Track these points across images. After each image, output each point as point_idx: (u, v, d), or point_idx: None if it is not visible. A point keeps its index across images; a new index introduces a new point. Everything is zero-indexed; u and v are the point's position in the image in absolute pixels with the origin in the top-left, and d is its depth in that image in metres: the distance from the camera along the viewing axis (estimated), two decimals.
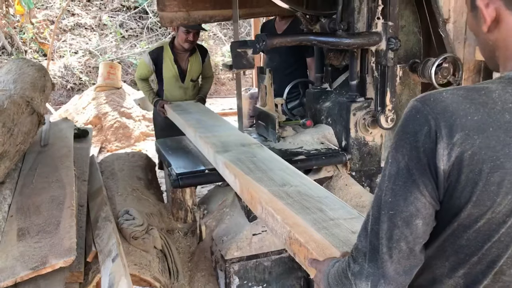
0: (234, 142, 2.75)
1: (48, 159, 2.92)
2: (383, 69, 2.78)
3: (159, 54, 4.02)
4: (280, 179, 2.09)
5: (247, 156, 2.45)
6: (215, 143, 2.71)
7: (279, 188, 1.98)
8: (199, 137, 2.93)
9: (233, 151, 2.56)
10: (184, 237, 3.09)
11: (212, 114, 3.67)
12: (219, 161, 2.48)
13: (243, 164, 2.32)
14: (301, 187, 1.99)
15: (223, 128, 3.17)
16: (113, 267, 1.97)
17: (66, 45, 10.56)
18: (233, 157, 2.43)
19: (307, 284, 2.86)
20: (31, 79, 3.27)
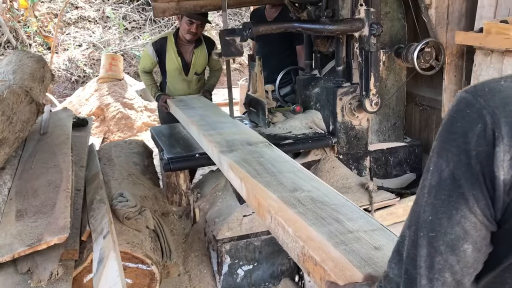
0: (240, 140, 2.58)
1: (47, 146, 3.05)
2: (366, 54, 2.87)
3: (163, 45, 3.88)
4: (291, 183, 1.90)
5: (254, 157, 2.27)
6: (219, 142, 2.55)
7: (289, 194, 1.79)
8: (203, 135, 2.77)
9: (238, 150, 2.39)
10: (178, 220, 3.22)
11: (216, 109, 3.48)
12: (223, 162, 2.31)
13: (249, 165, 2.14)
14: (314, 193, 1.80)
15: (228, 125, 2.99)
16: (103, 243, 2.10)
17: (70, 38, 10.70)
18: (238, 158, 2.26)
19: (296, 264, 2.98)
20: (30, 70, 3.39)
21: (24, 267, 2.08)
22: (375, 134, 3.36)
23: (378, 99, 2.92)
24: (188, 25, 3.73)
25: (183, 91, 4.02)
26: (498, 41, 2.57)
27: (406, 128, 3.52)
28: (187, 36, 3.80)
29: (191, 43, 3.89)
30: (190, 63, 3.94)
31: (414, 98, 3.63)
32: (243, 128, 2.91)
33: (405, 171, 3.42)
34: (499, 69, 2.71)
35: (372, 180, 3.22)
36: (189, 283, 2.91)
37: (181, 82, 3.99)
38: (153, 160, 3.92)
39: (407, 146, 3.41)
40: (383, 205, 2.92)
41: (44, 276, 2.01)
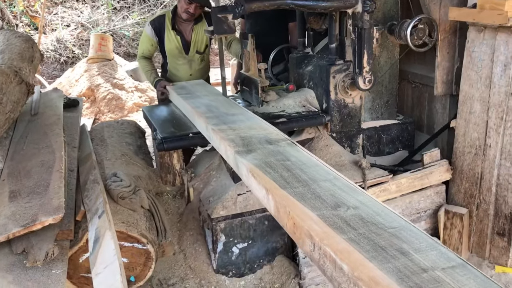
0: (257, 137, 2.21)
1: (38, 127, 3.02)
2: (359, 31, 2.84)
3: (161, 23, 3.68)
4: (330, 197, 1.56)
5: (277, 159, 1.92)
6: (234, 140, 2.18)
7: (332, 212, 1.45)
8: (212, 130, 2.39)
9: (258, 151, 2.03)
10: (173, 200, 3.22)
11: (224, 98, 3.12)
12: (242, 166, 1.95)
13: (274, 171, 1.80)
14: (362, 210, 1.46)
15: (240, 117, 2.59)
16: (99, 222, 2.10)
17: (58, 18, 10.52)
18: (260, 161, 1.90)
19: (291, 240, 3.01)
20: (19, 50, 3.34)
21: (19, 248, 2.08)
22: (368, 112, 3.36)
23: (371, 76, 2.91)
24: (187, 4, 3.57)
25: (185, 71, 3.84)
26: (492, 17, 2.57)
27: (398, 105, 3.53)
28: (183, 15, 3.64)
29: (190, 20, 3.71)
30: (190, 41, 3.75)
31: (406, 75, 3.63)
32: (257, 121, 2.51)
33: (398, 148, 3.44)
34: (492, 46, 2.72)
35: (365, 157, 3.23)
36: (184, 261, 2.93)
37: (182, 62, 3.81)
38: (145, 140, 3.90)
39: (399, 123, 3.42)
40: (376, 182, 2.94)
41: (40, 256, 2.01)
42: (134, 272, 2.46)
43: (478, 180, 2.95)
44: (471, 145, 2.95)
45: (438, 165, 3.07)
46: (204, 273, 2.89)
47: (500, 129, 2.76)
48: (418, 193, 3.06)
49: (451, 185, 3.15)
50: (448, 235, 3.07)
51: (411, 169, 3.05)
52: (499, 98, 2.72)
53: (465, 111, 2.96)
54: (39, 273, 2.03)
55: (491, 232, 2.95)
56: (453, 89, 3.19)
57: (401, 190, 2.98)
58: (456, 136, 3.06)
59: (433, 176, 3.04)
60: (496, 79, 2.72)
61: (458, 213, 3.01)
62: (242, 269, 2.94)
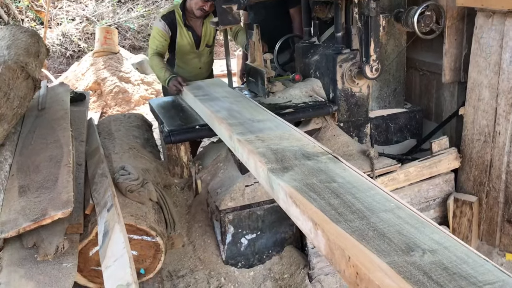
0: (292, 150, 1.88)
1: (46, 122, 3.03)
2: (366, 19, 2.82)
3: (173, 19, 3.58)
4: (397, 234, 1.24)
5: (321, 180, 1.59)
6: (264, 154, 1.86)
7: (405, 259, 1.14)
8: (238, 141, 2.09)
9: (295, 168, 1.70)
10: (181, 192, 3.23)
11: (245, 100, 2.84)
12: (278, 188, 1.62)
13: (320, 197, 1.48)
14: (442, 255, 1.15)
15: (268, 124, 2.29)
16: (108, 216, 2.11)
17: (63, 12, 10.52)
18: (300, 182, 1.59)
19: (300, 230, 3.01)
20: (25, 45, 3.34)
21: (29, 242, 2.09)
22: (376, 100, 3.34)
23: (378, 65, 2.89)
24: (202, 2, 3.47)
25: (195, 65, 3.82)
26: (501, 2, 2.53)
27: (406, 94, 3.50)
28: (197, 12, 3.54)
29: (203, 17, 3.65)
30: (201, 35, 3.71)
31: (414, 63, 3.59)
32: (288, 128, 2.21)
33: (406, 137, 3.42)
34: (500, 31, 2.68)
35: (373, 147, 3.22)
36: (193, 253, 2.94)
37: (192, 56, 3.77)
38: (152, 133, 3.91)
39: (407, 112, 3.39)
40: (384, 171, 2.92)
41: (50, 250, 2.03)
42: (144, 264, 2.47)
43: (487, 167, 2.93)
44: (480, 132, 2.92)
45: (447, 153, 3.04)
46: (213, 264, 2.90)
47: (509, 116, 2.73)
48: (426, 182, 3.04)
49: (460, 173, 3.13)
50: (458, 223, 3.05)
51: (420, 158, 3.03)
52: (509, 84, 2.69)
53: (474, 98, 2.92)
54: (50, 267, 2.05)
55: (501, 220, 2.93)
56: (461, 76, 3.16)
57: (409, 179, 2.97)
58: (465, 124, 3.03)
59: (441, 164, 3.02)
60: (506, 65, 2.68)
61: (467, 201, 2.99)
62: (251, 260, 2.95)
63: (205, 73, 3.95)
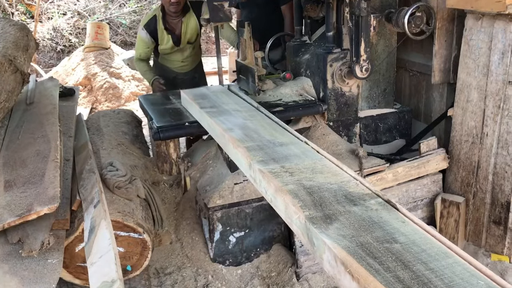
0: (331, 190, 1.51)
1: (34, 116, 3.00)
2: (357, 19, 2.82)
3: (154, 25, 3.74)
4: None
5: (378, 240, 1.23)
6: (297, 194, 1.48)
7: None
8: (261, 172, 1.68)
9: (340, 218, 1.34)
10: (169, 189, 3.22)
11: (260, 115, 2.42)
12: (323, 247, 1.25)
13: (384, 267, 1.12)
14: None
15: (294, 150, 1.89)
16: (94, 212, 2.09)
17: (54, 6, 10.43)
18: (352, 242, 1.22)
19: (288, 229, 3.01)
20: (14, 38, 3.30)
21: (14, 237, 2.07)
22: (365, 100, 3.35)
23: (368, 65, 2.89)
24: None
25: (176, 59, 3.96)
26: (490, 4, 2.54)
27: (396, 94, 3.51)
28: (171, 9, 3.65)
29: (179, 14, 3.74)
30: (181, 34, 3.80)
31: (404, 63, 3.61)
32: (317, 156, 1.81)
33: (395, 137, 3.43)
34: (489, 34, 2.70)
35: (362, 146, 3.23)
36: (181, 250, 2.94)
37: (173, 52, 3.91)
38: (142, 129, 3.89)
39: (397, 112, 3.41)
40: (373, 171, 2.93)
41: (35, 245, 2.01)
42: (130, 261, 2.46)
43: (475, 168, 2.95)
44: (468, 133, 2.95)
45: (435, 154, 3.06)
46: (201, 262, 2.90)
47: (497, 118, 2.75)
48: (415, 182, 3.05)
49: (448, 173, 3.15)
50: (445, 223, 3.07)
51: (408, 158, 3.05)
52: (497, 86, 2.71)
53: (462, 100, 2.94)
54: (35, 263, 2.03)
55: (487, 221, 2.95)
56: (451, 78, 3.18)
57: (397, 179, 2.98)
58: (453, 125, 3.05)
59: (430, 164, 3.04)
60: (494, 67, 2.70)
61: (454, 201, 3.01)
62: (239, 258, 2.94)
63: (189, 65, 4.08)
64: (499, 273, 2.84)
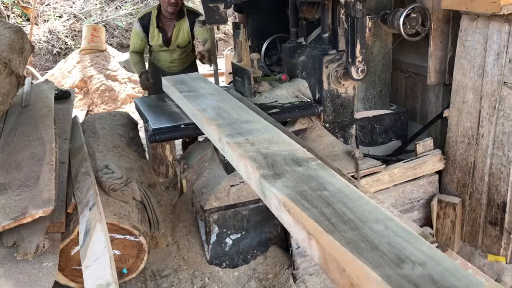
0: (282, 155, 1.87)
1: (29, 119, 2.99)
2: (352, 21, 2.82)
3: (148, 20, 3.85)
4: (388, 246, 1.26)
5: (312, 188, 1.59)
6: (255, 159, 1.84)
7: (396, 271, 1.17)
8: (228, 144, 2.03)
9: (287, 175, 1.70)
10: (165, 191, 3.21)
11: (232, 99, 2.72)
12: (271, 195, 1.62)
13: (313, 206, 1.48)
14: (431, 267, 1.17)
15: (257, 126, 2.23)
16: (89, 214, 2.09)
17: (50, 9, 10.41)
18: (292, 190, 1.59)
19: (284, 231, 3.01)
20: (9, 41, 3.29)
21: (9, 241, 2.06)
22: (361, 102, 3.35)
23: (364, 66, 2.90)
24: None
25: (165, 58, 4.05)
26: (485, 5, 2.55)
27: (392, 95, 3.52)
28: (169, 9, 3.73)
29: (174, 17, 3.82)
30: (171, 37, 3.91)
31: (400, 65, 3.61)
32: (276, 131, 2.16)
33: (391, 138, 3.43)
34: (484, 35, 2.70)
35: (358, 147, 3.23)
36: (177, 253, 2.93)
37: (163, 51, 4.01)
38: (138, 132, 3.88)
39: (393, 113, 3.41)
40: (369, 172, 2.93)
41: (30, 249, 2.00)
42: (126, 264, 2.46)
43: (470, 169, 2.95)
44: (464, 134, 2.95)
45: (431, 155, 3.06)
46: (197, 264, 2.89)
47: (492, 119, 2.76)
48: (411, 183, 3.06)
49: (444, 174, 3.15)
50: (441, 224, 3.07)
51: (404, 159, 3.05)
52: (492, 87, 2.72)
53: (458, 101, 2.95)
54: (30, 266, 2.02)
55: (484, 221, 2.96)
56: (446, 79, 3.18)
57: (394, 180, 2.98)
58: (449, 126, 3.06)
59: (426, 165, 3.04)
60: (489, 68, 2.71)
61: (451, 202, 3.02)
62: (235, 260, 2.94)
63: (177, 67, 4.14)
64: (496, 274, 2.85)
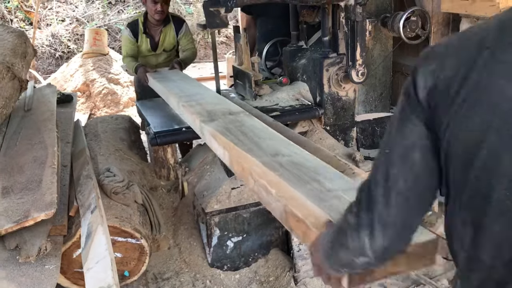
0: (221, 110, 2.52)
1: (32, 123, 3.02)
2: (352, 24, 2.84)
3: (136, 26, 4.00)
4: (272, 149, 1.92)
5: (235, 126, 2.24)
6: (200, 112, 2.47)
7: (271, 159, 1.81)
8: (183, 106, 2.71)
9: (219, 120, 2.35)
10: (167, 194, 3.23)
11: (195, 82, 3.45)
12: (205, 132, 2.29)
13: (231, 134, 2.12)
14: (294, 157, 1.82)
15: (208, 96, 2.90)
16: (91, 217, 2.10)
17: (53, 13, 10.45)
18: (220, 127, 2.22)
19: (286, 233, 3.01)
20: (11, 45, 3.32)
21: (12, 244, 2.08)
22: (362, 104, 3.36)
23: (364, 69, 2.91)
24: (153, 5, 3.78)
25: (151, 62, 4.14)
26: (484, 8, 2.56)
27: (392, 98, 3.53)
28: (156, 17, 3.85)
29: (160, 23, 3.96)
30: (159, 42, 4.04)
31: (400, 67, 3.62)
32: (223, 98, 2.88)
33: None
34: None
35: (359, 150, 3.24)
36: (179, 255, 2.94)
37: (149, 55, 4.12)
38: (140, 135, 3.90)
39: None
40: None
41: (33, 252, 2.02)
42: (128, 266, 2.47)
43: None
44: None
45: None
46: (199, 267, 2.90)
47: None
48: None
49: None
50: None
51: None
52: None
53: None
54: (32, 269, 2.04)
55: None
56: None
57: None
58: None
59: None
60: None
61: None
62: (237, 263, 2.94)
63: None
64: None
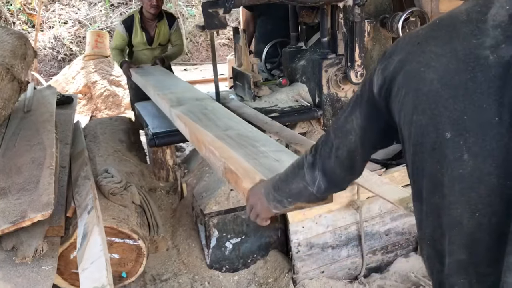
0: (189, 97, 2.91)
1: (31, 124, 3.02)
2: (351, 25, 2.83)
3: (132, 22, 4.20)
4: (224, 125, 2.28)
5: (199, 109, 2.62)
6: (171, 99, 2.87)
7: (222, 132, 2.16)
8: (157, 94, 3.09)
9: (186, 104, 2.72)
10: (166, 195, 3.23)
11: (173, 76, 3.86)
12: (173, 114, 2.66)
13: (194, 115, 2.49)
14: (241, 131, 2.17)
15: (181, 86, 3.31)
16: (87, 218, 2.10)
17: (55, 16, 10.49)
18: (185, 110, 2.60)
19: (285, 235, 3.00)
20: (11, 47, 3.33)
21: (8, 244, 2.08)
22: None
23: (363, 70, 2.90)
24: (149, 0, 4.03)
25: (146, 56, 4.37)
26: None
27: None
28: (151, 11, 4.08)
29: (155, 18, 4.20)
30: (154, 36, 4.29)
31: None
32: (193, 88, 3.33)
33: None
34: None
35: None
36: (177, 257, 2.93)
37: (145, 50, 4.35)
38: (139, 136, 3.90)
39: None
40: None
41: (29, 252, 2.01)
42: (125, 267, 2.46)
43: None
44: None
45: None
46: (197, 268, 2.89)
47: None
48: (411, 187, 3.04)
49: None
50: None
51: (404, 163, 3.04)
52: None
53: None
54: (29, 270, 2.03)
55: None
56: None
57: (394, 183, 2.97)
58: None
59: None
60: None
61: None
62: (235, 264, 2.94)
63: None
64: None
